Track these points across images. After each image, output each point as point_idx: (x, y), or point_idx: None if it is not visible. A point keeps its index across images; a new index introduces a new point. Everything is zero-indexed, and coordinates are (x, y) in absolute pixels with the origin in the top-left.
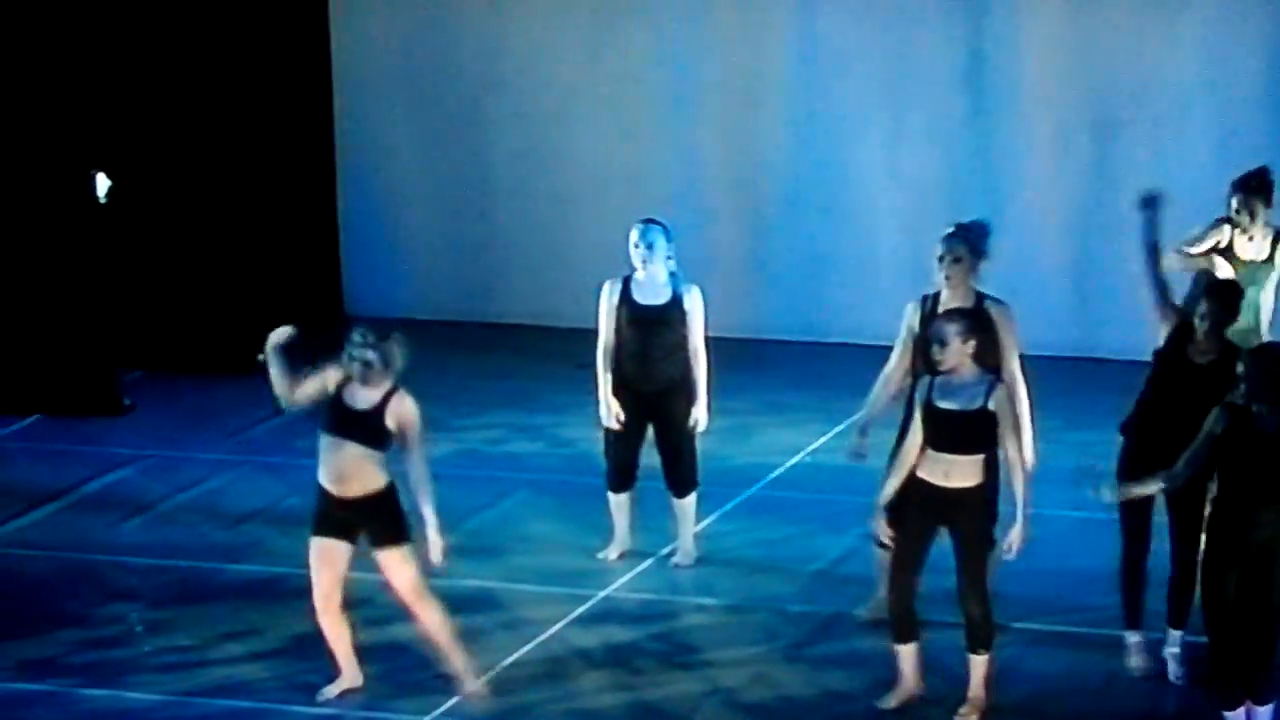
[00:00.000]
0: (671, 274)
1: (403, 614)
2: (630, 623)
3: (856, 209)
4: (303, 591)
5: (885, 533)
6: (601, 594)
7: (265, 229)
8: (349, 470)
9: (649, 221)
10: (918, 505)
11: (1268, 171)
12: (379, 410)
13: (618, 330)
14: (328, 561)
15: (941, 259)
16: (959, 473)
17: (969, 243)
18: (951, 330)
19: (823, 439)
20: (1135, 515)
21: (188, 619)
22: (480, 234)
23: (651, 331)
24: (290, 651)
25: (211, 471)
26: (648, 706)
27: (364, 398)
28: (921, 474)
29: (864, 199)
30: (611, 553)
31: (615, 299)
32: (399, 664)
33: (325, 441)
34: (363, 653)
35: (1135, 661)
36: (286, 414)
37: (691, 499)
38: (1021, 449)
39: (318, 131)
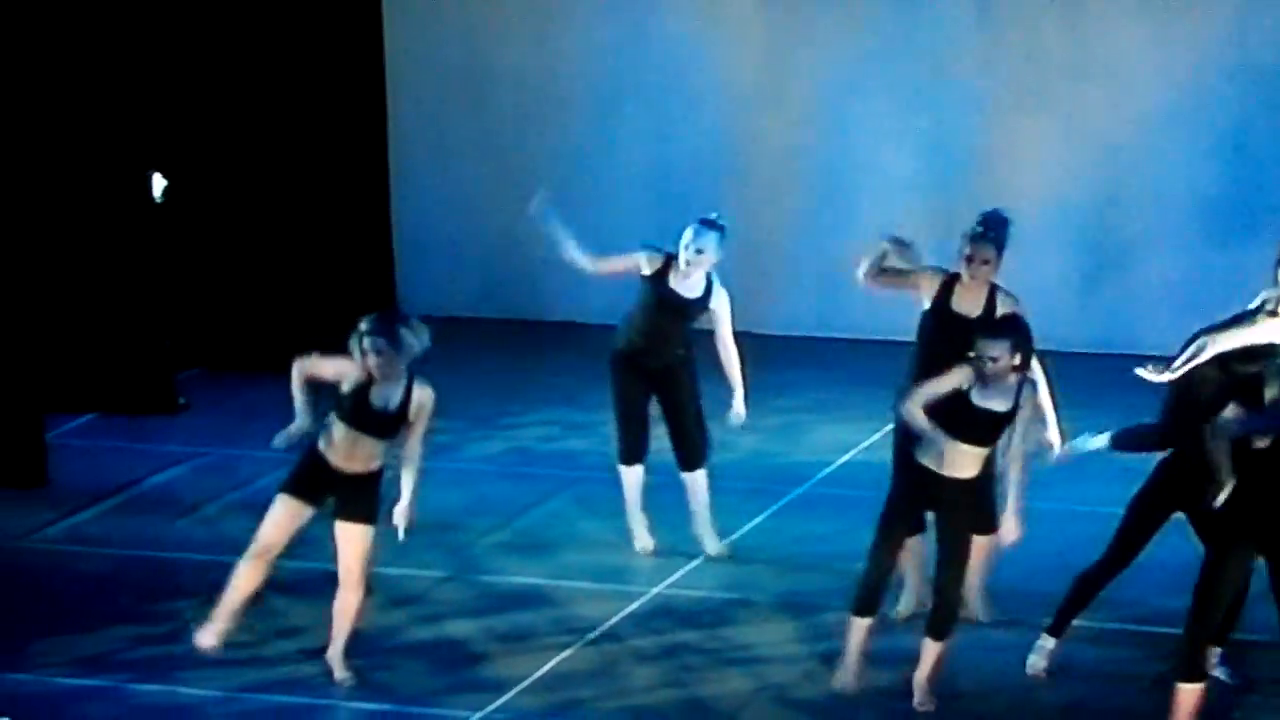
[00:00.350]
0: (708, 275)
1: (454, 611)
2: (681, 620)
3: (909, 207)
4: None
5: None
6: (652, 591)
7: (319, 228)
8: (360, 454)
9: (706, 224)
10: (912, 487)
11: None
12: (404, 408)
13: (640, 305)
14: (290, 522)
15: (970, 259)
16: (962, 463)
17: (998, 244)
18: (1002, 347)
19: (875, 436)
20: (1140, 528)
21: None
22: (534, 231)
23: (672, 320)
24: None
25: (265, 469)
26: (698, 703)
27: (389, 396)
28: (923, 459)
29: (916, 196)
30: (639, 542)
31: (649, 271)
32: (451, 660)
33: (343, 430)
34: (414, 649)
35: (1040, 662)
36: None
37: (702, 474)
38: (1048, 432)
39: (371, 130)
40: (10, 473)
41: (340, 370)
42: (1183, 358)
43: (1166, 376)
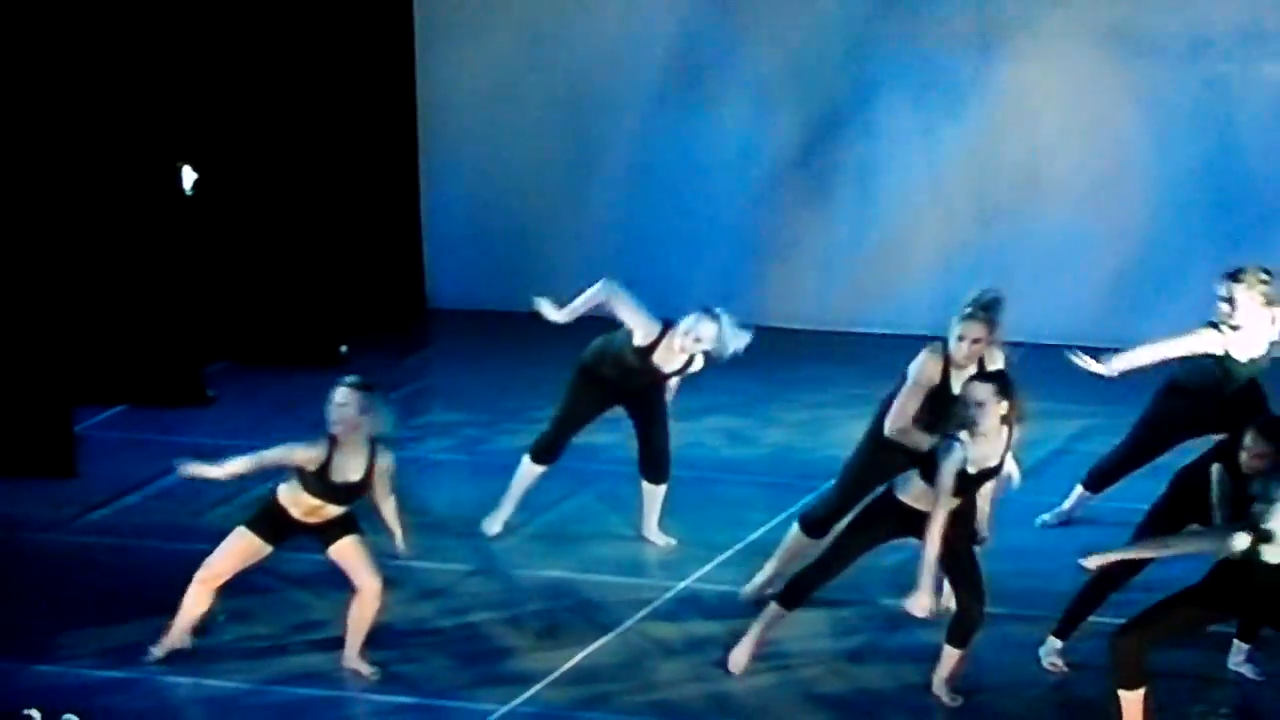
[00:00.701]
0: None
1: (480, 605)
2: (709, 614)
3: (940, 202)
4: (384, 581)
5: None
6: (679, 586)
7: (348, 221)
8: (324, 514)
9: (707, 312)
10: (891, 518)
11: None
12: (367, 480)
13: (620, 349)
14: (245, 556)
15: (961, 339)
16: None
17: (990, 325)
18: (986, 392)
19: None
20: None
21: (268, 608)
22: (562, 226)
23: (645, 377)
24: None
25: None
26: (726, 698)
27: (349, 468)
28: (905, 499)
29: (948, 192)
30: (493, 525)
31: (642, 343)
32: (477, 654)
33: (305, 496)
34: (441, 643)
35: (1058, 660)
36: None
37: (664, 488)
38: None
39: (400, 123)
40: (39, 464)
41: (309, 457)
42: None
43: (1103, 370)
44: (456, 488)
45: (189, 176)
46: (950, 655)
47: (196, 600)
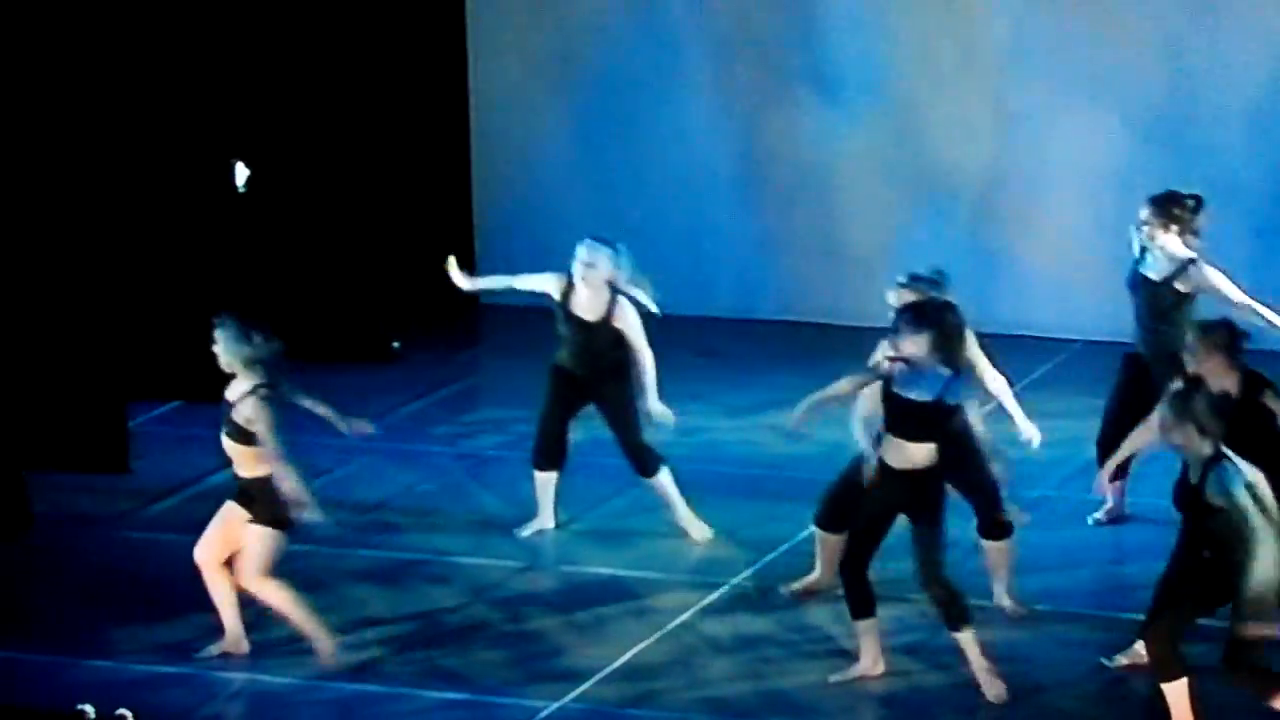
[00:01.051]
0: (612, 291)
1: (532, 601)
2: (760, 611)
3: (1016, 200)
4: (435, 578)
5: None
6: (731, 582)
7: (400, 218)
8: (238, 461)
9: (597, 240)
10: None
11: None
12: (234, 407)
13: (557, 323)
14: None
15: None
16: (906, 456)
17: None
18: (911, 332)
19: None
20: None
21: (322, 604)
22: (614, 222)
23: (584, 337)
24: (422, 637)
25: (346, 458)
26: (777, 695)
27: (235, 396)
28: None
29: (1022, 191)
30: (528, 529)
31: (556, 295)
32: (529, 650)
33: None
34: (492, 639)
35: (1122, 659)
36: None
37: (663, 475)
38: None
39: (454, 120)
40: (93, 460)
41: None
42: None
43: None
44: (508, 484)
45: (242, 173)
46: (960, 641)
47: (214, 584)
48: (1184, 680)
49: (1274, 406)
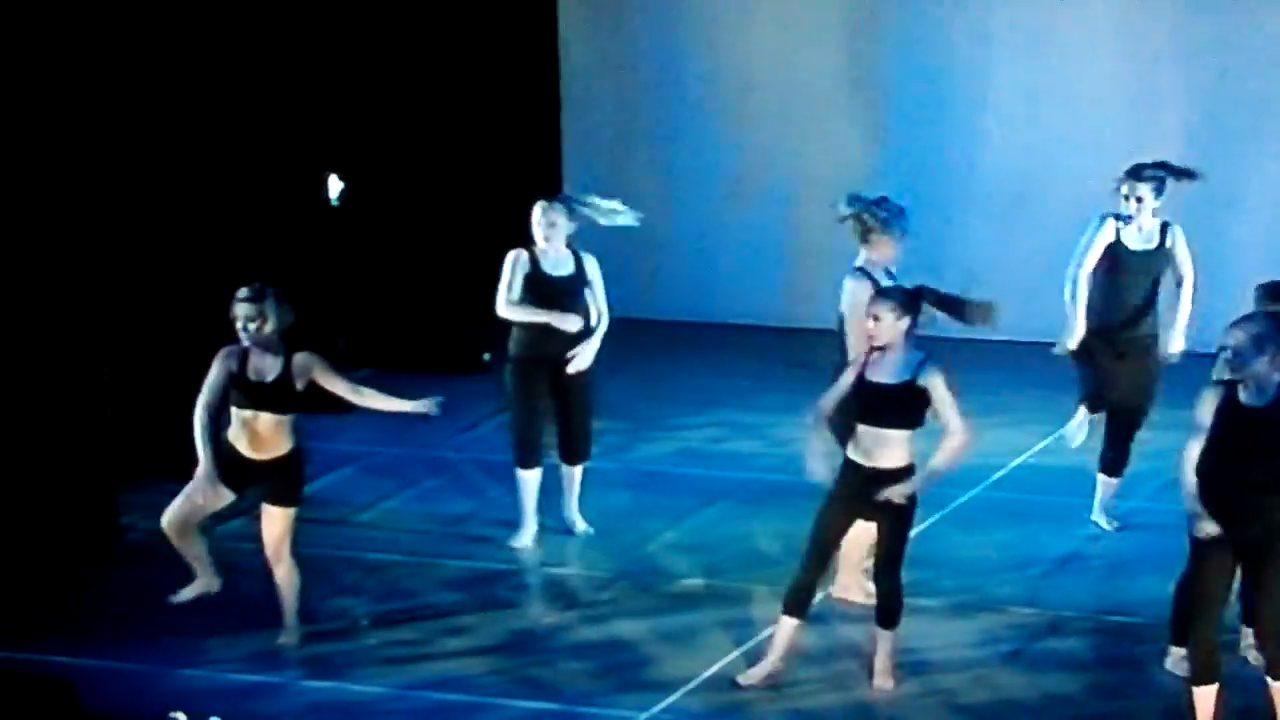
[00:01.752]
0: (574, 251)
1: (621, 611)
2: (849, 622)
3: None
4: (521, 587)
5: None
6: (821, 594)
7: (492, 229)
8: (263, 437)
9: (551, 199)
10: (844, 485)
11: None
12: (285, 378)
13: (522, 301)
14: (207, 500)
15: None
16: (880, 453)
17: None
18: (886, 305)
19: (1046, 440)
20: None
21: (409, 614)
22: (701, 234)
23: (552, 304)
24: (509, 647)
25: (435, 469)
26: (863, 707)
27: (268, 367)
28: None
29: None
30: (522, 539)
31: (521, 268)
32: (617, 660)
33: (238, 413)
34: (581, 649)
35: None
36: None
37: (580, 469)
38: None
39: (544, 132)
40: (184, 470)
41: (217, 372)
42: None
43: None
44: (599, 495)
45: (335, 186)
46: (883, 638)
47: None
48: (1216, 686)
49: None
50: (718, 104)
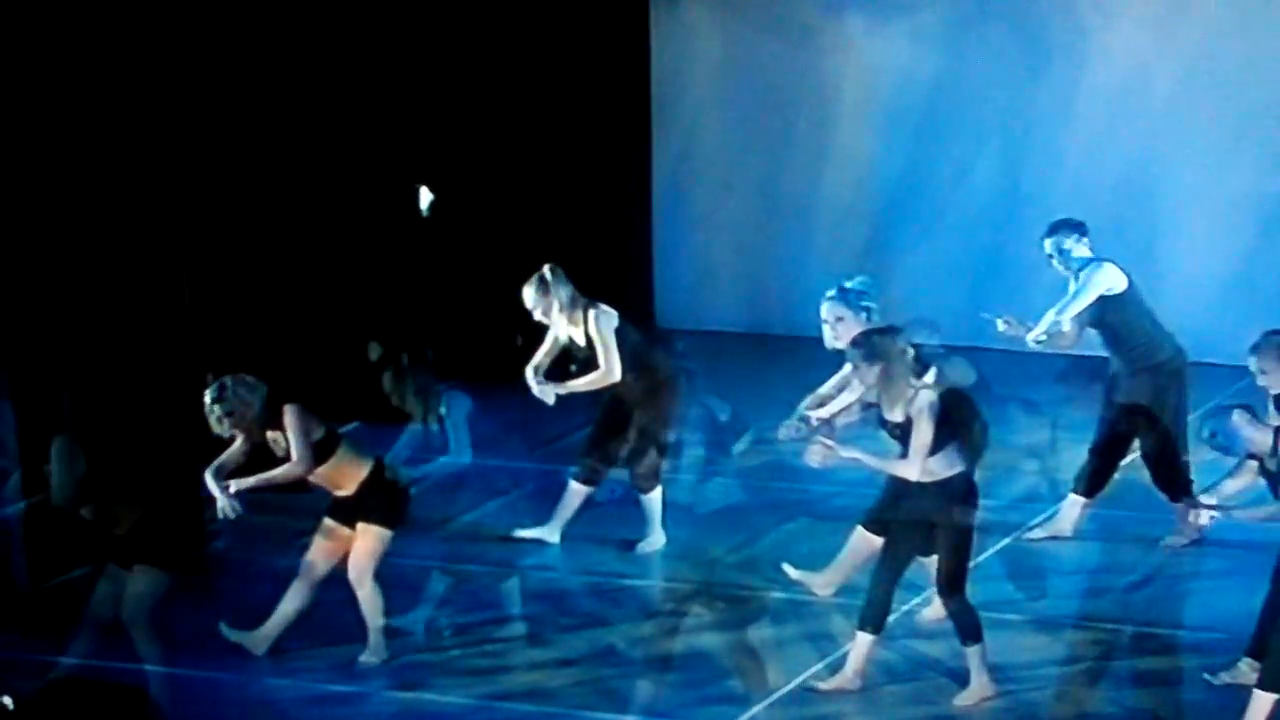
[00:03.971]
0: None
1: (702, 624)
2: (932, 637)
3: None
4: (605, 598)
5: None
6: (904, 608)
7: (580, 243)
8: (332, 478)
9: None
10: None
11: None
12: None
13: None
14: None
15: (825, 322)
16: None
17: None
18: (856, 356)
19: (1134, 455)
20: None
21: (493, 625)
22: (787, 248)
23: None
24: (593, 658)
25: (520, 480)
26: (946, 719)
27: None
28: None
29: (1177, 211)
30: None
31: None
32: (698, 673)
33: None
34: (662, 661)
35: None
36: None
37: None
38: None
39: (634, 146)
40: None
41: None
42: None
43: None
44: (678, 508)
45: (425, 197)
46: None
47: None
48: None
49: None
50: (804, 123)
